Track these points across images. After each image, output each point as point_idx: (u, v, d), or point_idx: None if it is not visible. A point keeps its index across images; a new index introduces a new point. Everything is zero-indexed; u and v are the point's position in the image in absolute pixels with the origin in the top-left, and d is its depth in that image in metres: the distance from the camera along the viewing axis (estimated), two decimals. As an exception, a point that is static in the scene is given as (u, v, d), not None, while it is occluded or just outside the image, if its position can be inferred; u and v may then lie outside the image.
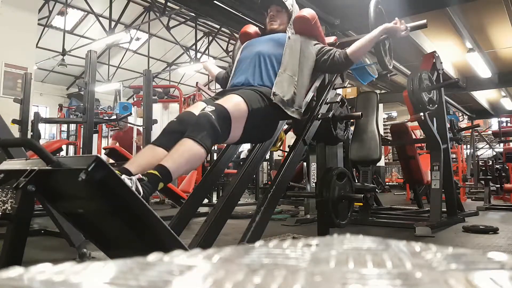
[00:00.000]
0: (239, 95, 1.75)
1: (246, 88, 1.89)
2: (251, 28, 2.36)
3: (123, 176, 1.28)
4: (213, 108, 1.61)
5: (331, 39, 2.49)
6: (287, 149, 5.28)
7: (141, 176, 1.35)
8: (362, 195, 2.20)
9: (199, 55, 11.69)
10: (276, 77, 1.94)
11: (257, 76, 1.97)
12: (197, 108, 1.74)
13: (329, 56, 2.11)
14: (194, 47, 11.43)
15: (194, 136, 1.50)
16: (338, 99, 2.29)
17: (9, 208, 1.95)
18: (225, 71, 2.44)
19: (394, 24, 2.12)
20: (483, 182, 6.44)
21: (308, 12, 2.18)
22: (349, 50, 2.10)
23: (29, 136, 4.37)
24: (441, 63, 4.00)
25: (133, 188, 1.27)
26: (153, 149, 1.61)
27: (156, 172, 1.39)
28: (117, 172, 1.16)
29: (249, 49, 2.12)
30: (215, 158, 5.83)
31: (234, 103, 1.70)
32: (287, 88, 1.90)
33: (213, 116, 1.56)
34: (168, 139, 1.62)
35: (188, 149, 1.49)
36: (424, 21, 2.23)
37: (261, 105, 1.80)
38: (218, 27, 10.43)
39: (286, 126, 2.31)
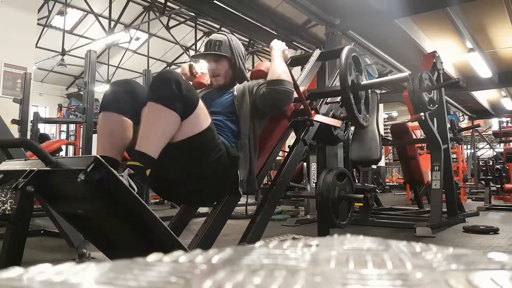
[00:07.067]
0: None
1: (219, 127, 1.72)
2: (203, 78, 2.09)
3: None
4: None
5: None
6: (287, 149, 5.27)
7: (131, 171, 1.32)
8: (363, 195, 2.20)
9: (199, 55, 11.64)
10: (240, 150, 1.71)
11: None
12: None
13: (260, 92, 1.78)
14: (194, 47, 11.42)
15: (159, 99, 1.38)
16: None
17: (9, 208, 1.95)
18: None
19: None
20: (483, 182, 6.44)
21: (266, 66, 1.95)
22: (268, 77, 1.82)
23: (28, 136, 4.38)
24: (442, 63, 4.00)
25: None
26: (116, 119, 1.49)
27: (138, 164, 1.34)
28: (116, 173, 1.16)
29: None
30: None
31: (205, 112, 1.55)
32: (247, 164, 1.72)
33: (180, 80, 1.42)
34: (123, 102, 1.50)
35: (158, 118, 1.38)
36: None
37: (215, 151, 1.56)
38: (218, 27, 10.42)
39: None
